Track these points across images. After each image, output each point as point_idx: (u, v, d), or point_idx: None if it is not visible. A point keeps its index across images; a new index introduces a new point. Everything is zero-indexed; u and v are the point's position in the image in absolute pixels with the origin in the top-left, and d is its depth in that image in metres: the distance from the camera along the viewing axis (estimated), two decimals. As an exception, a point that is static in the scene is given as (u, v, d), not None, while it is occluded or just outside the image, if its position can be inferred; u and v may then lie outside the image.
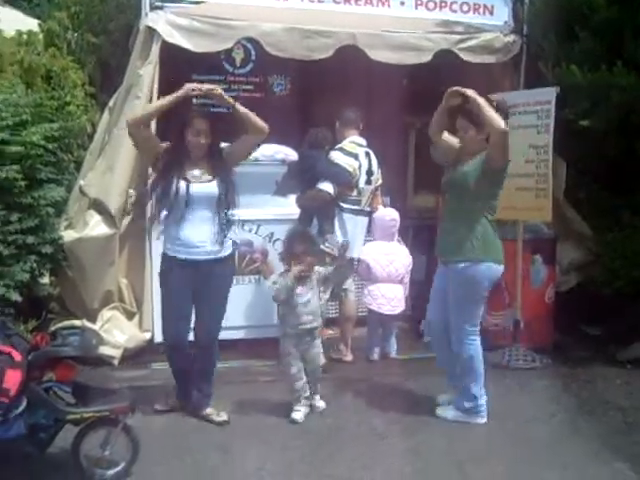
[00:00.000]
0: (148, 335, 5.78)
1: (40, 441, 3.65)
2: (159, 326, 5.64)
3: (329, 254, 5.34)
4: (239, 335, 5.93)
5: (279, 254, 5.19)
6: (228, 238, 4.55)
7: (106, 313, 5.74)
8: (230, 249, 4.60)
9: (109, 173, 5.70)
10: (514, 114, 5.55)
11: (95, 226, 5.66)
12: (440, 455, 4.29)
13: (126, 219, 5.76)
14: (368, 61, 6.10)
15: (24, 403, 3.53)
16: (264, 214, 5.96)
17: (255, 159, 6.02)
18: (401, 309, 5.86)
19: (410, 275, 5.96)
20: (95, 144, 5.99)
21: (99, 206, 5.69)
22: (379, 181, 5.89)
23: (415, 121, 7.14)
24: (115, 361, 5.54)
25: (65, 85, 6.66)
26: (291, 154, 6.04)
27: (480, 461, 4.20)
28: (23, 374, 3.51)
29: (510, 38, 6.33)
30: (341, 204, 5.60)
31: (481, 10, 6.48)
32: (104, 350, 5.29)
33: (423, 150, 5.07)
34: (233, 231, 4.64)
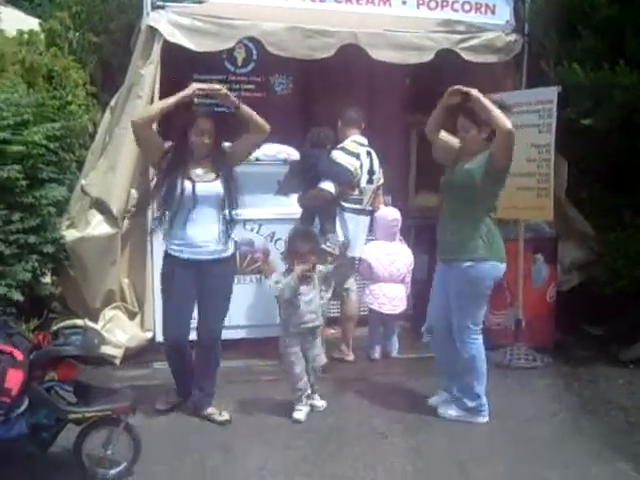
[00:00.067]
0: (150, 335, 5.78)
1: (42, 441, 3.65)
2: (160, 326, 5.67)
3: (330, 253, 5.34)
4: (241, 334, 5.94)
5: (281, 253, 5.20)
6: (231, 238, 4.55)
7: (108, 312, 5.74)
8: (232, 249, 4.59)
9: (111, 173, 5.71)
10: (516, 113, 5.54)
11: (97, 225, 5.66)
12: (442, 454, 4.29)
13: (127, 219, 5.76)
14: (370, 60, 6.10)
15: (26, 403, 3.53)
16: (266, 213, 5.95)
17: (257, 158, 6.03)
18: (402, 308, 5.86)
19: (412, 274, 5.97)
20: (97, 144, 5.99)
21: (101, 205, 5.69)
22: (381, 180, 5.88)
23: (417, 120, 7.12)
24: (117, 360, 5.55)
25: (66, 85, 6.66)
26: (293, 153, 6.04)
27: (482, 460, 4.20)
28: (25, 374, 3.51)
29: (512, 37, 6.32)
30: (343, 203, 5.60)
31: (483, 9, 6.47)
32: (106, 349, 5.30)
33: (425, 149, 5.06)
34: (234, 231, 4.64)
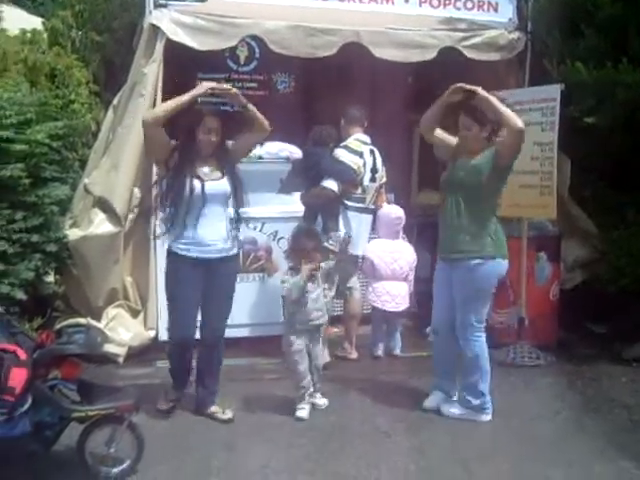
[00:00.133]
0: (153, 333, 5.79)
1: (45, 439, 3.65)
2: (164, 324, 5.67)
3: (332, 251, 5.34)
4: (244, 333, 5.94)
5: (284, 252, 5.20)
6: (236, 236, 4.55)
7: (111, 311, 5.75)
8: (237, 247, 4.59)
9: (114, 171, 5.71)
10: (519, 111, 5.53)
11: (100, 224, 5.66)
12: (445, 453, 4.28)
13: (130, 217, 5.76)
14: (372, 59, 6.10)
15: (29, 401, 3.53)
16: (268, 212, 5.95)
17: (259, 157, 6.05)
18: (405, 306, 5.86)
19: (414, 272, 5.96)
20: (99, 142, 6.00)
21: (104, 204, 5.70)
22: (383, 179, 5.88)
23: (419, 119, 7.10)
24: (120, 359, 5.56)
25: (69, 83, 6.66)
26: (295, 152, 6.04)
27: (485, 459, 4.19)
28: (28, 372, 3.51)
29: (514, 35, 6.32)
30: (345, 202, 5.59)
31: (485, 7, 6.47)
32: (109, 348, 5.32)
33: (427, 147, 5.06)
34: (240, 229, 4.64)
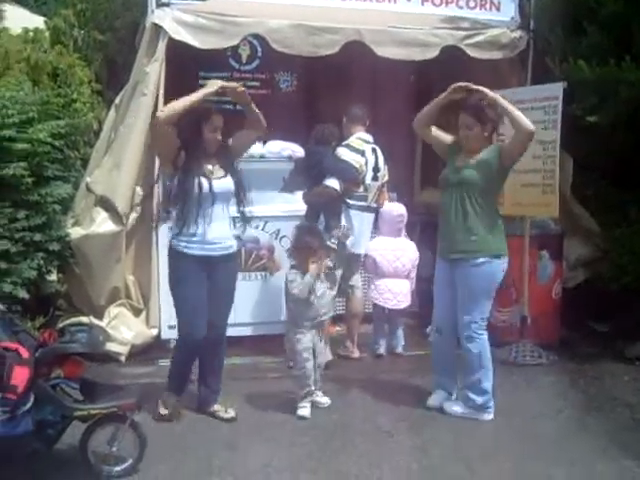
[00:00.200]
0: (155, 332, 5.79)
1: (48, 437, 3.65)
2: (166, 323, 5.69)
3: (334, 250, 5.35)
4: (246, 332, 5.95)
5: (287, 250, 5.20)
6: (239, 234, 4.55)
7: (113, 310, 5.75)
8: (236, 244, 4.59)
9: (115, 170, 5.72)
10: (521, 110, 5.53)
11: (102, 223, 5.67)
12: (447, 452, 4.27)
13: (132, 216, 5.77)
14: (374, 57, 6.10)
15: (32, 400, 3.53)
16: (271, 211, 5.95)
17: (261, 156, 6.05)
18: (407, 304, 5.86)
19: (417, 271, 5.95)
20: (101, 141, 5.99)
21: (106, 203, 5.70)
22: (385, 177, 5.88)
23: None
24: (122, 358, 5.56)
25: (71, 82, 6.66)
26: (298, 151, 6.04)
27: (487, 457, 4.19)
28: (31, 371, 3.51)
29: (517, 34, 6.31)
30: (347, 200, 5.59)
31: (487, 6, 6.46)
32: (111, 347, 5.33)
33: (430, 146, 5.05)
34: (238, 228, 4.64)
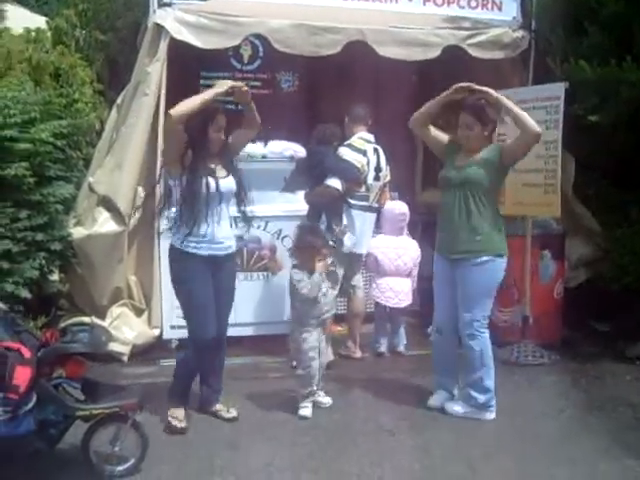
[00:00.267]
0: (157, 332, 5.80)
1: (50, 437, 3.66)
2: (168, 323, 5.70)
3: (334, 249, 5.35)
4: (248, 332, 5.95)
5: (289, 250, 5.20)
6: (238, 234, 4.56)
7: (115, 310, 5.76)
8: (235, 244, 4.60)
9: (117, 170, 5.72)
10: (523, 110, 5.54)
11: (104, 223, 5.67)
12: (449, 451, 4.28)
13: (135, 216, 5.77)
14: (376, 57, 6.09)
15: (34, 399, 3.54)
16: (272, 211, 5.95)
17: (263, 156, 6.05)
18: (408, 302, 5.86)
19: (418, 268, 5.94)
20: (103, 141, 5.99)
21: (108, 203, 5.70)
22: (387, 177, 5.88)
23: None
24: (124, 358, 5.57)
25: (73, 82, 6.67)
26: (299, 150, 6.04)
27: (489, 457, 4.19)
28: (33, 370, 3.52)
29: (518, 33, 6.32)
30: (349, 200, 5.58)
31: (489, 6, 6.46)
32: (113, 347, 5.32)
33: (431, 146, 5.06)
34: (241, 228, 4.64)
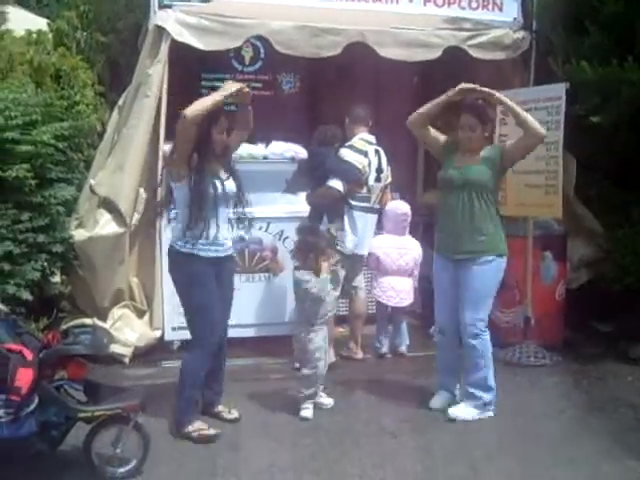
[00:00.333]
0: (158, 333, 5.79)
1: (52, 439, 3.66)
2: (169, 324, 5.70)
3: (338, 251, 5.36)
4: (249, 333, 5.95)
5: (291, 251, 5.20)
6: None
7: (117, 311, 5.76)
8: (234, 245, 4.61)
9: (119, 172, 5.72)
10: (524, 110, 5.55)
11: (105, 225, 5.67)
12: (450, 453, 4.28)
13: (136, 218, 5.77)
14: (377, 58, 6.09)
15: (36, 401, 3.54)
16: (274, 212, 5.95)
17: (265, 157, 6.06)
18: (409, 301, 5.86)
19: (420, 268, 5.92)
20: (105, 143, 6.00)
21: (109, 205, 5.71)
22: (389, 178, 5.88)
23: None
24: (126, 359, 5.57)
25: (74, 84, 6.68)
26: (301, 152, 6.04)
27: (491, 458, 4.19)
28: (34, 372, 3.52)
29: (519, 34, 6.31)
30: (350, 201, 5.58)
31: (490, 6, 6.46)
32: (115, 348, 5.33)
33: (432, 147, 5.07)
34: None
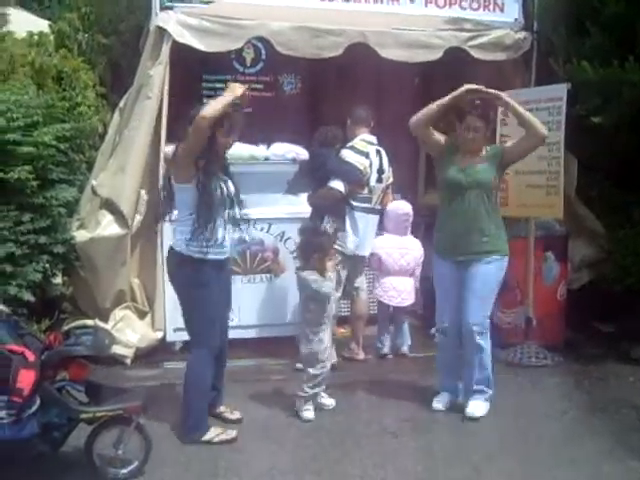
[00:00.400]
0: (160, 334, 5.80)
1: (53, 440, 3.67)
2: (171, 325, 5.70)
3: (340, 252, 5.36)
4: (251, 334, 5.95)
5: (292, 252, 5.20)
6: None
7: (118, 313, 5.76)
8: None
9: (120, 173, 5.73)
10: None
11: (107, 226, 5.68)
12: (452, 453, 4.28)
13: (137, 219, 5.77)
14: (378, 59, 6.10)
15: (37, 402, 3.55)
16: (275, 213, 5.95)
17: (266, 158, 6.06)
18: (411, 301, 5.87)
19: (421, 268, 5.92)
20: (106, 145, 6.00)
21: (111, 206, 5.71)
22: (390, 179, 5.88)
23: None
24: (127, 360, 5.57)
25: (76, 86, 6.68)
26: (302, 153, 6.03)
27: (492, 459, 4.18)
28: (36, 374, 3.53)
29: (521, 35, 6.32)
30: (352, 202, 5.58)
31: (491, 7, 6.46)
32: (116, 349, 5.32)
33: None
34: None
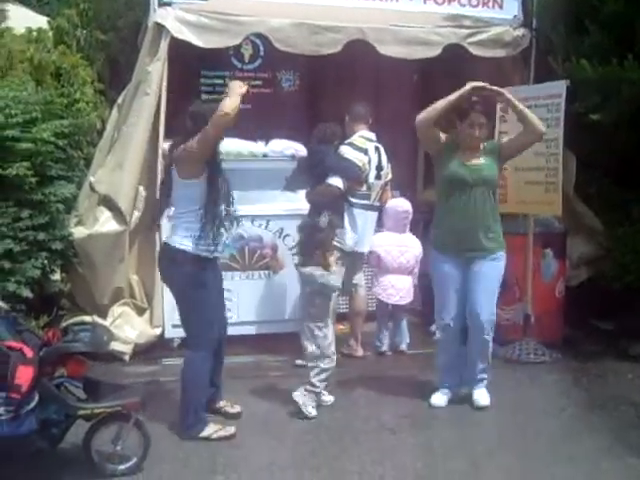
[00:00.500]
0: (158, 331, 5.80)
1: (52, 436, 3.67)
2: (169, 322, 5.70)
3: (339, 248, 5.36)
4: (249, 330, 5.95)
5: (290, 249, 5.20)
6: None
7: (117, 309, 5.76)
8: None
9: (118, 170, 5.72)
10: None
11: (105, 222, 5.67)
12: (450, 449, 4.28)
13: (135, 215, 5.77)
14: (377, 56, 6.10)
15: (36, 399, 3.54)
16: (274, 209, 5.94)
17: (264, 155, 6.06)
18: (409, 299, 5.86)
19: (420, 266, 5.91)
20: (104, 141, 6.00)
21: (109, 203, 5.71)
22: (389, 176, 5.87)
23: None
24: (126, 357, 5.57)
25: (74, 82, 6.68)
26: (300, 149, 6.03)
27: (490, 455, 4.19)
28: (35, 370, 3.52)
29: (519, 32, 6.31)
30: (351, 199, 5.58)
31: (490, 4, 6.45)
32: (115, 346, 5.32)
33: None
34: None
